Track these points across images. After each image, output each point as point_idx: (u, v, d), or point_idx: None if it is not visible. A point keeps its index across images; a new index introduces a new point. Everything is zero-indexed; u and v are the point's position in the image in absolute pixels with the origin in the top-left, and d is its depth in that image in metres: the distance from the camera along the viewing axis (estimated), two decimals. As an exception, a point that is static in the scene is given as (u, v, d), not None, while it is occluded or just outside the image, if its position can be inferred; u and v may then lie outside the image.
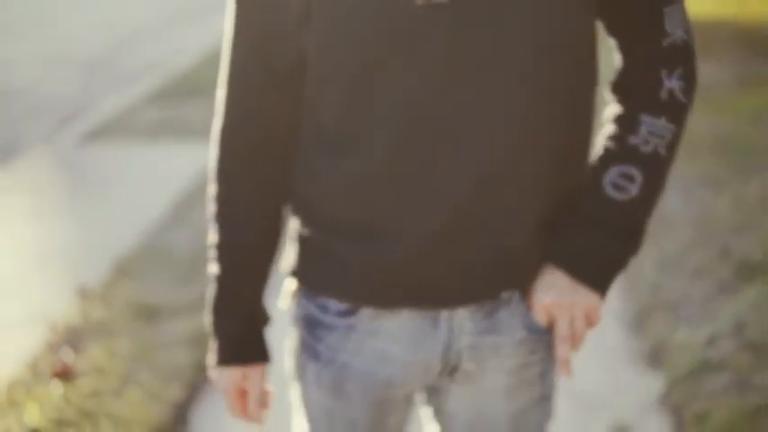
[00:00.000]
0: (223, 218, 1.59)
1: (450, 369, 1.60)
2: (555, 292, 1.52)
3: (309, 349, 1.63)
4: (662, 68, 1.54)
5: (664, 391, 3.16)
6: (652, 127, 1.54)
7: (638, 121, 1.54)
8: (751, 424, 2.88)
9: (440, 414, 1.72)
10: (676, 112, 1.54)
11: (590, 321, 1.55)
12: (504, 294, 1.55)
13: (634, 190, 1.53)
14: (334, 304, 1.58)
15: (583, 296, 1.53)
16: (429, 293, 1.53)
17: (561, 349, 1.55)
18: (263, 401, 1.66)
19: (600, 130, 1.58)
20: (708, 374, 3.18)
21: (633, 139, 1.53)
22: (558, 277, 1.53)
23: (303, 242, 1.60)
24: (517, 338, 1.57)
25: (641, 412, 3.08)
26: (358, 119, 1.47)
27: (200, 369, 3.34)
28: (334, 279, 1.56)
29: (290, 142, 1.56)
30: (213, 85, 7.87)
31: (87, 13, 13.70)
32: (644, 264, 3.98)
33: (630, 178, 1.53)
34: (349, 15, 1.44)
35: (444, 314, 1.55)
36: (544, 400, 1.68)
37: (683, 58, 1.54)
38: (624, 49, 1.57)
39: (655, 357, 3.37)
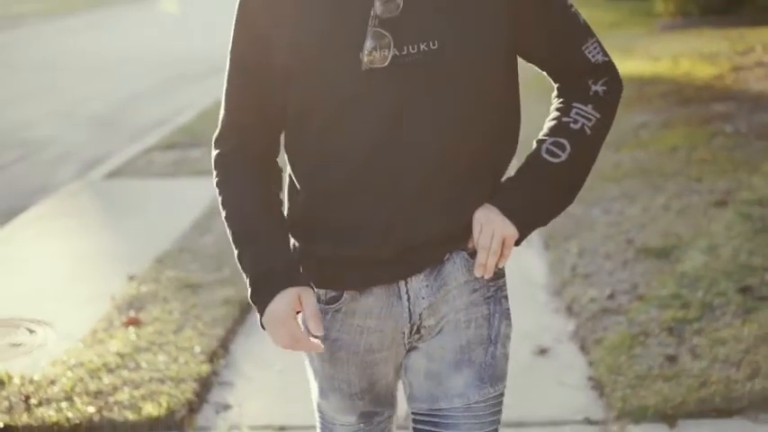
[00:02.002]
0: (225, 193, 2.01)
1: (416, 329, 2.01)
2: (485, 213, 1.93)
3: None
4: (589, 79, 1.99)
5: (574, 329, 4.35)
6: (580, 111, 1.97)
7: (570, 107, 1.98)
8: (630, 343, 4.06)
9: (405, 370, 2.10)
10: (600, 103, 1.98)
11: (506, 245, 1.94)
12: (446, 256, 1.98)
13: (563, 156, 1.94)
14: (324, 294, 2.00)
15: (506, 224, 1.93)
16: (389, 272, 1.96)
17: (480, 254, 1.93)
18: (319, 319, 1.92)
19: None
20: (606, 317, 4.36)
21: (565, 119, 1.97)
22: (490, 208, 1.94)
23: (296, 253, 2.03)
24: (462, 281, 1.99)
25: (557, 341, 4.26)
26: (326, 153, 1.91)
27: (235, 321, 4.51)
28: (318, 274, 1.99)
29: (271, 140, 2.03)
30: (211, 135, 9.39)
31: (92, 80, 14.94)
32: (569, 250, 5.18)
33: (562, 147, 1.95)
34: (316, 78, 1.88)
35: (404, 288, 1.97)
36: (491, 345, 2.04)
37: (604, 71, 2.01)
38: (556, 77, 2.04)
39: (570, 309, 4.56)
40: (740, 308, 4.27)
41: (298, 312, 1.92)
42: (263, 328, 1.94)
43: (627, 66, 11.72)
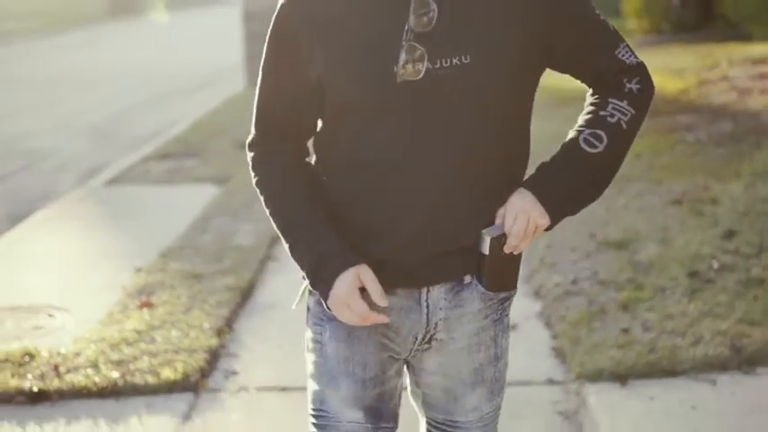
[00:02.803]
0: (268, 191, 2.10)
1: (429, 338, 2.12)
2: (522, 201, 2.00)
3: (325, 318, 2.11)
4: (623, 78, 2.06)
5: (540, 309, 4.88)
6: (617, 106, 2.03)
7: (606, 102, 2.04)
8: (589, 319, 4.58)
9: (420, 377, 2.22)
10: (635, 99, 2.05)
11: (536, 233, 2.02)
12: (466, 278, 2.08)
13: (601, 147, 2.00)
14: None
15: (542, 214, 2.00)
16: (412, 277, 2.05)
17: (512, 240, 1.99)
18: (382, 293, 1.98)
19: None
20: (569, 298, 4.89)
21: (602, 113, 2.03)
22: (526, 194, 2.01)
23: None
24: (475, 308, 2.11)
25: (525, 319, 4.78)
26: (356, 160, 1.99)
27: (237, 304, 5.02)
28: None
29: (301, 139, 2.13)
30: (205, 146, 10.02)
31: (87, 94, 15.44)
32: (539, 244, 5.71)
33: (599, 138, 2.00)
34: (351, 89, 1.96)
35: (424, 294, 2.08)
36: (497, 360, 2.20)
37: (638, 72, 2.08)
38: (592, 82, 2.11)
39: (537, 293, 5.08)
40: (688, 289, 4.81)
41: (361, 290, 2.00)
42: (329, 310, 2.03)
43: (599, 80, 12.29)
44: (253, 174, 2.12)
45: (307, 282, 2.09)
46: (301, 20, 1.98)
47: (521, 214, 1.98)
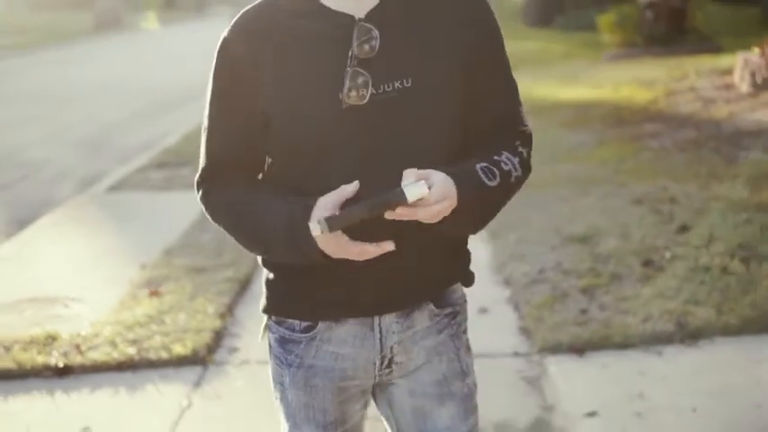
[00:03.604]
0: (224, 216, 2.08)
1: (387, 362, 2.13)
2: (449, 187, 1.90)
3: (284, 361, 2.15)
4: (517, 140, 2.10)
5: (509, 295, 5.42)
6: (510, 159, 2.04)
7: (500, 151, 2.05)
8: (552, 302, 5.13)
9: (389, 403, 2.23)
10: (523, 164, 2.07)
11: (434, 217, 1.90)
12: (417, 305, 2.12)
13: (493, 182, 1.98)
14: (298, 325, 2.11)
15: (450, 208, 1.91)
16: (364, 307, 2.08)
17: (424, 214, 1.87)
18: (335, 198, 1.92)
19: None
20: (535, 286, 5.43)
21: (497, 157, 2.03)
22: (454, 187, 1.91)
23: (271, 284, 2.15)
24: (426, 325, 2.15)
25: (496, 303, 5.32)
26: (309, 187, 1.94)
27: (236, 293, 5.55)
28: (297, 305, 2.11)
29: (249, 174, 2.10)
30: (198, 156, 10.52)
31: (76, 108, 15.95)
32: (509, 239, 6.27)
33: (494, 175, 1.99)
34: (298, 121, 1.95)
35: (377, 320, 2.10)
36: (466, 376, 2.23)
37: (529, 141, 2.12)
38: (488, 132, 2.09)
39: (507, 282, 5.63)
40: (642, 276, 5.37)
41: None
42: (327, 257, 1.97)
43: (572, 92, 12.94)
44: (205, 209, 2.12)
45: (265, 318, 2.19)
46: (244, 53, 2.00)
47: (448, 200, 1.91)
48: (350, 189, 1.91)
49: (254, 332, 5.05)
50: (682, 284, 5.17)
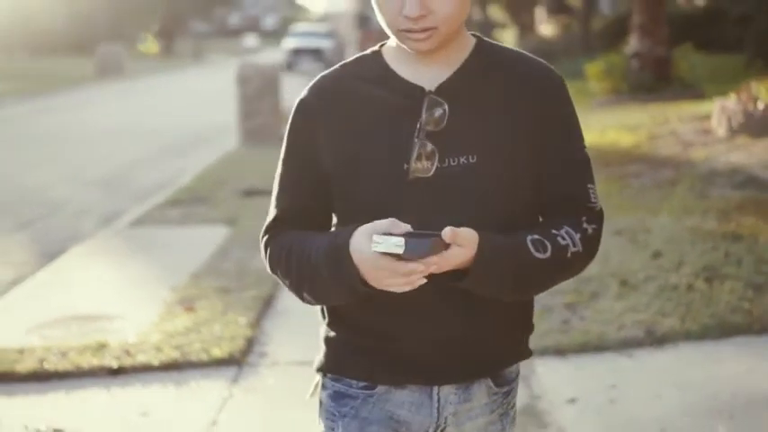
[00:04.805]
0: (281, 264, 2.07)
1: (441, 431, 2.15)
2: (471, 240, 1.89)
3: (337, 414, 2.15)
4: (584, 216, 2.05)
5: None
6: (570, 234, 2.01)
7: (561, 226, 2.02)
8: (539, 315, 5.85)
9: None
10: (586, 241, 2.04)
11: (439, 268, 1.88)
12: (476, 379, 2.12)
13: (541, 255, 1.96)
14: (356, 383, 2.12)
15: (469, 246, 1.90)
16: (426, 375, 2.10)
17: (422, 261, 1.85)
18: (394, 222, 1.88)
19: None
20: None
21: (555, 231, 2.00)
22: (482, 253, 1.91)
23: (332, 341, 2.15)
24: (483, 402, 2.15)
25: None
26: None
27: (261, 310, 6.28)
28: (358, 365, 2.12)
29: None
30: (211, 194, 11.35)
31: (88, 151, 16.75)
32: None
33: (545, 248, 1.96)
34: (363, 187, 2.01)
35: (436, 389, 2.11)
36: None
37: (598, 218, 2.08)
38: (554, 206, 2.07)
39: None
40: (618, 294, 6.11)
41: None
42: (368, 286, 1.93)
43: (560, 135, 13.71)
44: (265, 256, 2.12)
45: (320, 376, 2.21)
46: (317, 115, 2.07)
47: (463, 254, 1.90)
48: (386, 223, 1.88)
49: (281, 341, 5.80)
50: (652, 300, 5.91)
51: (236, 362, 5.37)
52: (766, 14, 20.40)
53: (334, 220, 2.14)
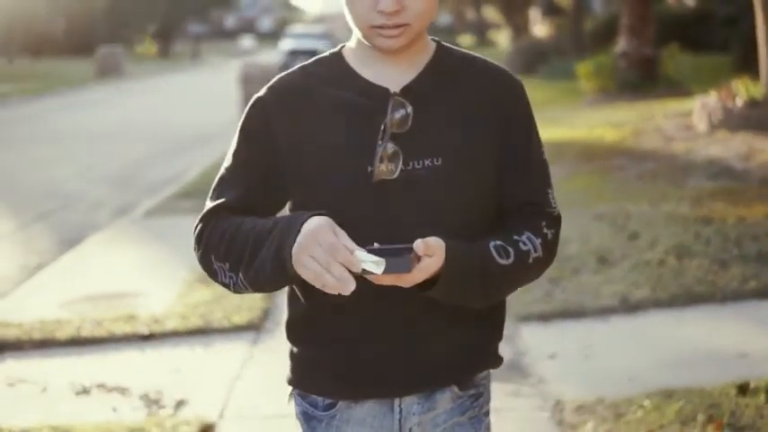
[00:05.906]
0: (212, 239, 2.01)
1: None
2: (440, 248, 1.85)
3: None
4: (543, 221, 2.05)
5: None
6: (532, 239, 2.00)
7: (522, 231, 2.01)
8: (525, 288, 6.50)
9: None
10: (546, 246, 2.04)
11: (405, 281, 1.84)
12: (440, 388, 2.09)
13: (505, 261, 1.95)
14: (321, 401, 2.11)
15: (435, 267, 1.85)
16: (384, 388, 2.08)
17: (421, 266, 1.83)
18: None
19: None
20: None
21: (516, 237, 1.99)
22: (450, 262, 1.87)
23: (295, 357, 2.18)
24: (448, 407, 2.13)
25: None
26: None
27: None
28: (319, 381, 2.12)
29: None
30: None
31: (98, 148, 17.40)
32: (492, 246, 7.67)
33: (507, 254, 1.96)
34: (322, 189, 1.98)
35: (397, 401, 2.09)
36: None
37: (556, 223, 2.08)
38: (514, 211, 2.06)
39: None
40: (596, 269, 6.76)
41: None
42: (294, 269, 1.84)
43: (552, 133, 14.38)
44: (198, 245, 2.06)
45: (290, 387, 2.19)
46: (276, 114, 2.01)
47: (435, 263, 1.86)
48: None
49: (292, 310, 6.44)
50: (627, 274, 6.57)
51: (254, 327, 6.01)
52: (752, 16, 21.02)
53: None
